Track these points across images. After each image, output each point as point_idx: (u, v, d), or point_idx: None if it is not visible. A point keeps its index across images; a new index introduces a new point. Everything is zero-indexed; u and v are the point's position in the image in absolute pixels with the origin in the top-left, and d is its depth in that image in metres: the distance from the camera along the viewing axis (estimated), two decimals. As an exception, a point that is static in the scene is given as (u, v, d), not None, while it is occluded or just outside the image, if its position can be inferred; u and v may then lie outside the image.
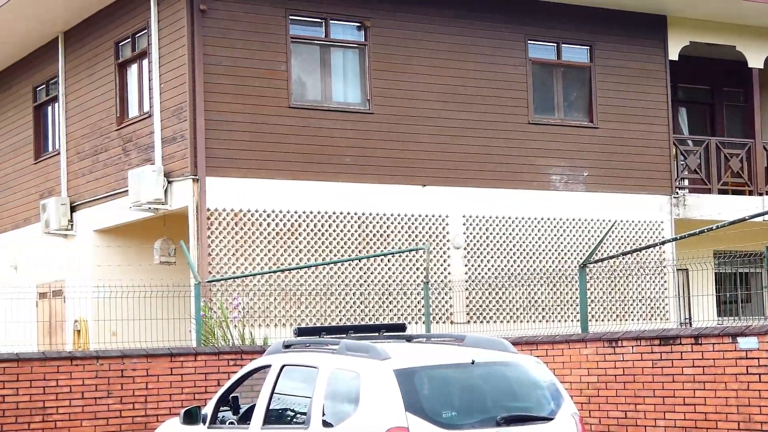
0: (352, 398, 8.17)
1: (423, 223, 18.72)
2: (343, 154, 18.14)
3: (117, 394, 11.91)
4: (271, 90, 17.62)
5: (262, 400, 9.10)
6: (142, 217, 18.24)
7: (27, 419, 11.49)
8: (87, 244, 19.76)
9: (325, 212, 17.95)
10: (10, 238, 22.47)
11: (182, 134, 17.21)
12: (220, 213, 17.19)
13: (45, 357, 11.71)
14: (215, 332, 14.44)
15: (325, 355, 8.72)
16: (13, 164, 22.75)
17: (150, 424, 11.89)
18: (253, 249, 17.38)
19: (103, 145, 19.51)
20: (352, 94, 18.56)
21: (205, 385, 12.31)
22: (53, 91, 21.38)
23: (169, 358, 12.24)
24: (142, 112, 18.55)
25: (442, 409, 8.01)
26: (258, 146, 17.48)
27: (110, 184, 19.20)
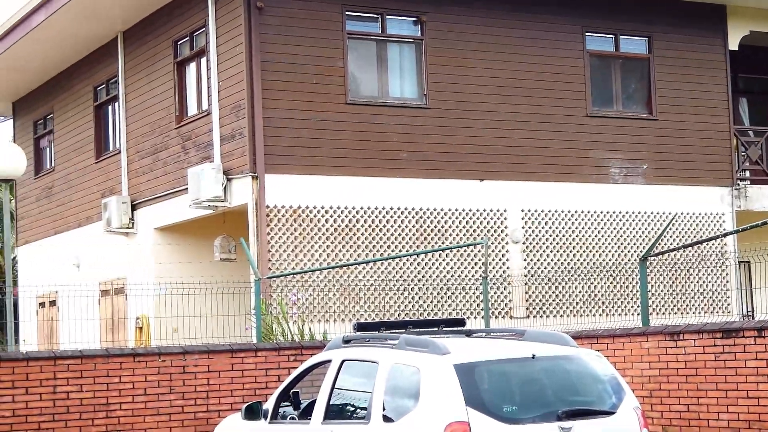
0: (412, 393, 8.18)
1: (481, 217, 18.67)
2: (400, 149, 18.14)
3: (179, 390, 12.00)
4: (328, 86, 17.66)
5: (322, 396, 9.13)
6: (202, 214, 18.37)
7: (91, 415, 11.62)
8: (148, 242, 19.96)
9: (383, 208, 17.97)
10: (72, 237, 22.76)
11: (241, 132, 17.31)
12: (279, 210, 17.27)
13: (108, 354, 11.84)
14: (275, 328, 14.51)
15: (384, 350, 8.73)
16: (75, 164, 23.03)
17: (211, 420, 11.98)
18: (311, 245, 17.44)
19: (163, 143, 19.68)
20: (408, 89, 18.55)
21: (265, 381, 12.37)
22: (113, 90, 21.61)
23: (230, 354, 12.31)
24: (201, 110, 18.68)
25: (503, 403, 7.99)
26: (315, 143, 17.54)
27: (170, 183, 19.37)
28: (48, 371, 11.47)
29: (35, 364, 11.44)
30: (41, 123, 25.07)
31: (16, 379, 11.31)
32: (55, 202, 23.95)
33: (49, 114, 24.48)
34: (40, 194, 24.77)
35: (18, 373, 11.32)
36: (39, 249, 24.36)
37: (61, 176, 23.66)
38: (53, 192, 24.07)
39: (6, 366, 11.28)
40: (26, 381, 11.36)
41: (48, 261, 23.68)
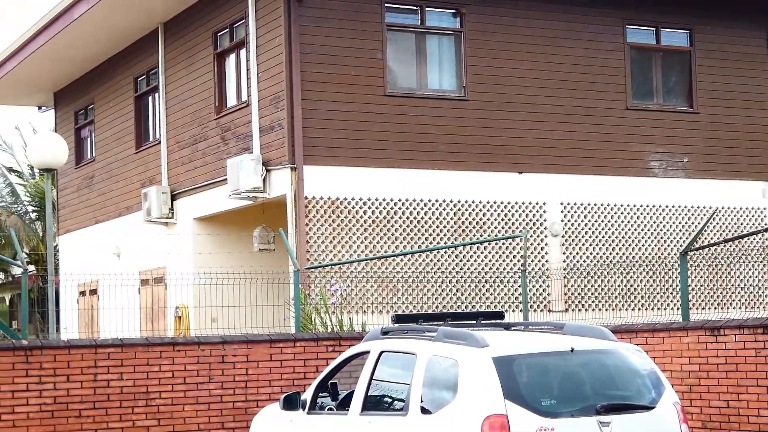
0: (450, 385, 8.18)
1: (519, 210, 18.63)
2: (438, 141, 18.13)
3: (218, 379, 12.07)
4: (367, 78, 17.68)
5: (360, 387, 9.16)
6: (241, 205, 18.46)
7: (131, 403, 11.71)
8: (187, 232, 20.07)
9: (421, 200, 17.97)
10: (113, 226, 22.92)
11: (280, 123, 17.36)
12: (318, 201, 17.32)
13: (148, 343, 11.93)
14: (313, 318, 14.55)
15: (423, 342, 8.74)
16: (116, 153, 23.19)
17: (250, 410, 12.04)
18: (349, 236, 17.48)
19: (203, 134, 19.78)
20: (447, 81, 18.53)
21: (303, 371, 12.41)
22: (153, 81, 21.73)
23: (269, 344, 12.37)
24: (240, 102, 18.76)
25: (542, 396, 7.98)
26: (354, 134, 17.56)
27: (209, 173, 19.46)
28: (89, 359, 11.56)
29: (76, 352, 11.54)
30: (82, 113, 25.26)
31: (57, 367, 11.41)
32: (95, 192, 24.14)
33: (90, 104, 24.66)
34: (80, 184, 24.97)
35: (60, 361, 11.43)
36: (80, 238, 24.56)
37: (102, 166, 23.83)
38: (94, 182, 24.25)
39: (48, 354, 11.39)
40: (67, 369, 11.46)
41: (89, 250, 23.87)
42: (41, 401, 11.33)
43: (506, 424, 7.75)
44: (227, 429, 12.03)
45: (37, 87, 25.73)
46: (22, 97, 26.82)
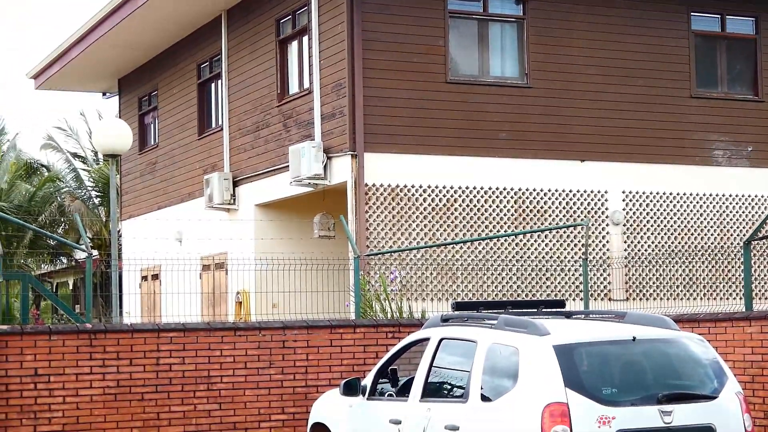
0: (510, 373, 8.18)
1: (581, 198, 18.52)
2: (499, 129, 18.08)
3: (278, 364, 12.15)
4: (428, 65, 17.66)
5: (420, 373, 9.18)
6: (302, 192, 18.54)
7: (192, 387, 11.83)
8: (248, 218, 20.20)
9: (481, 188, 17.93)
10: (175, 212, 23.14)
11: (341, 110, 17.41)
12: (378, 188, 17.35)
13: (210, 327, 12.03)
14: (373, 305, 14.59)
15: (483, 330, 8.74)
16: (179, 140, 23.40)
17: (310, 395, 12.11)
18: (409, 224, 17.50)
19: (264, 121, 19.89)
20: (509, 68, 18.46)
21: (363, 357, 12.46)
22: (216, 68, 21.88)
23: (329, 330, 12.42)
24: (302, 89, 18.83)
25: (603, 385, 7.95)
26: (415, 122, 17.56)
27: (271, 160, 19.58)
28: (151, 343, 11.69)
29: (139, 336, 11.67)
30: (146, 100, 25.51)
31: (120, 351, 11.55)
32: (158, 178, 24.38)
33: (153, 91, 24.89)
34: (144, 170, 25.23)
35: (123, 345, 11.57)
36: (142, 223, 24.83)
37: (165, 152, 24.07)
38: (157, 168, 24.49)
39: (111, 337, 11.53)
40: (130, 352, 11.60)
41: (151, 235, 24.10)
42: (105, 384, 11.48)
43: (567, 412, 7.73)
44: (287, 414, 12.12)
45: (101, 73, 26.02)
46: (87, 83, 27.16)
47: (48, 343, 11.27)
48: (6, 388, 11.09)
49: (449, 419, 8.53)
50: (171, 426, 11.66)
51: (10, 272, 20.08)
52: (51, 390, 11.26)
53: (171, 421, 11.66)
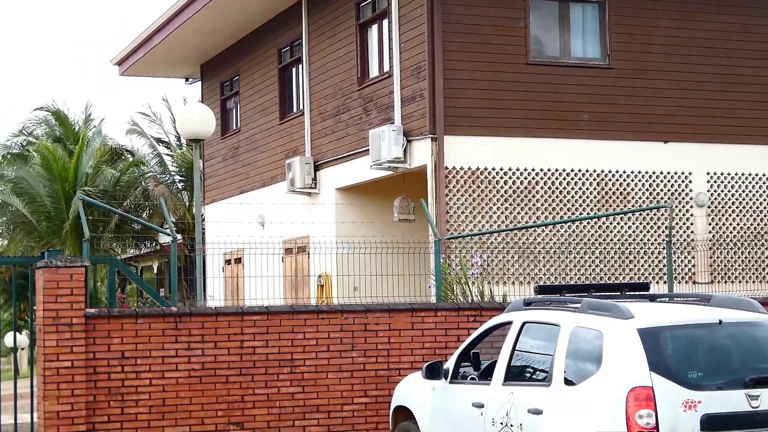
0: (594, 357, 8.13)
1: (664, 180, 18.29)
2: (581, 110, 17.91)
3: (360, 347, 12.21)
4: (509, 47, 17.56)
5: (503, 357, 9.17)
6: (382, 175, 18.58)
7: (276, 370, 11.93)
8: (329, 202, 20.30)
9: (563, 170, 17.80)
10: (257, 196, 23.32)
11: (421, 93, 17.39)
12: (458, 171, 17.31)
13: (293, 310, 12.12)
14: (454, 289, 14.58)
15: (566, 314, 8.70)
16: (260, 125, 23.58)
17: (392, 378, 12.14)
18: (490, 207, 17.44)
19: (345, 105, 19.95)
20: (591, 49, 18.27)
21: (445, 341, 12.46)
22: (297, 52, 21.99)
23: (410, 314, 12.44)
24: (382, 72, 18.84)
25: (688, 369, 7.87)
26: (495, 104, 17.48)
27: (351, 144, 19.63)
28: (235, 326, 11.81)
29: (224, 320, 11.80)
30: (227, 85, 25.73)
31: (205, 334, 11.70)
32: (240, 162, 24.60)
33: (235, 76, 25.10)
34: (226, 154, 25.47)
35: (207, 328, 11.71)
36: (225, 207, 25.08)
37: (247, 137, 24.27)
38: (239, 152, 24.71)
39: (196, 321, 11.68)
40: (215, 335, 11.73)
41: (233, 219, 24.32)
42: (190, 367, 11.63)
43: (652, 396, 7.67)
44: (370, 397, 12.18)
45: (184, 59, 26.30)
46: (169, 69, 27.46)
47: (134, 326, 11.45)
48: (94, 370, 11.29)
49: (532, 403, 8.51)
50: (255, 408, 11.79)
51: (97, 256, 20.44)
52: (138, 372, 11.44)
53: (255, 404, 11.79)
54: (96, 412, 11.28)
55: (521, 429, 8.60)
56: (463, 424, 9.49)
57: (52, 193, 35.50)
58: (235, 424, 11.71)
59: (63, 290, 11.15)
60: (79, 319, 11.20)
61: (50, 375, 11.09)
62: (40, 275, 11.27)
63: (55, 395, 11.07)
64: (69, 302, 11.16)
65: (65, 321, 11.14)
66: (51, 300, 11.14)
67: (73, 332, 11.17)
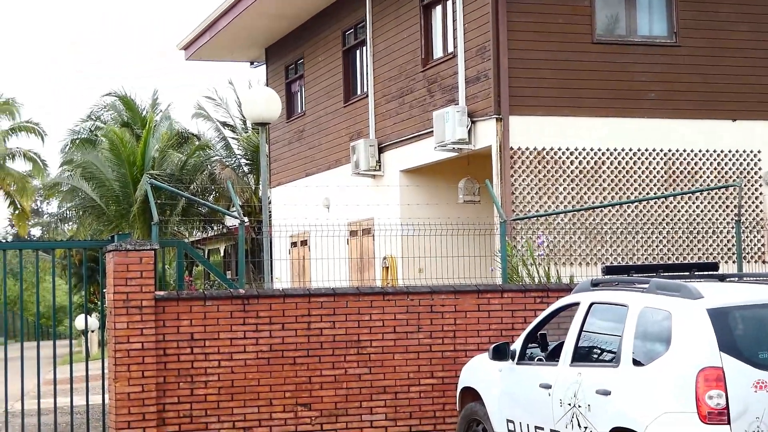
0: (663, 338, 8.07)
1: (733, 159, 18.06)
2: (648, 89, 17.73)
3: (427, 329, 12.23)
4: (574, 26, 17.41)
5: (570, 338, 9.14)
6: (447, 157, 18.55)
7: (343, 351, 12.00)
8: (394, 184, 20.32)
9: (629, 149, 17.64)
10: (322, 179, 23.43)
11: (485, 74, 17.32)
12: (523, 152, 17.23)
13: (359, 292, 12.18)
14: (519, 270, 14.54)
15: (634, 294, 8.64)
16: (325, 107, 23.64)
17: (458, 359, 12.16)
18: (555, 187, 17.35)
19: (409, 86, 19.93)
20: (657, 27, 18.06)
21: (511, 322, 12.44)
22: (361, 35, 22.00)
23: (476, 295, 12.44)
24: (446, 53, 18.79)
25: (759, 349, 7.78)
26: (561, 83, 17.36)
27: (416, 125, 19.62)
28: (303, 308, 11.89)
29: (291, 301, 11.88)
30: (292, 68, 25.82)
31: (273, 316, 11.79)
32: (305, 145, 24.70)
33: (299, 59, 25.18)
34: (291, 137, 25.59)
35: (275, 310, 11.80)
36: (290, 190, 25.20)
37: (312, 120, 24.35)
38: (304, 135, 24.81)
39: (264, 302, 11.77)
40: (282, 317, 11.82)
41: (299, 202, 24.45)
42: (258, 349, 11.73)
43: (722, 377, 7.59)
44: (436, 378, 12.20)
45: (249, 43, 26.43)
46: (235, 53, 27.62)
47: (203, 308, 11.57)
48: (164, 352, 11.44)
49: (600, 384, 8.47)
50: (323, 390, 11.87)
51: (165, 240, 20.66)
52: (206, 354, 11.57)
53: (323, 385, 11.87)
54: (166, 393, 11.43)
55: (589, 410, 8.57)
56: (530, 405, 9.48)
57: (120, 177, 35.97)
58: (302, 405, 11.81)
59: (133, 273, 11.30)
60: (149, 302, 11.35)
61: (121, 357, 11.26)
62: (111, 258, 11.43)
63: (125, 377, 11.24)
64: (139, 285, 11.31)
65: (135, 304, 11.30)
66: (121, 283, 11.29)
67: (143, 315, 11.32)
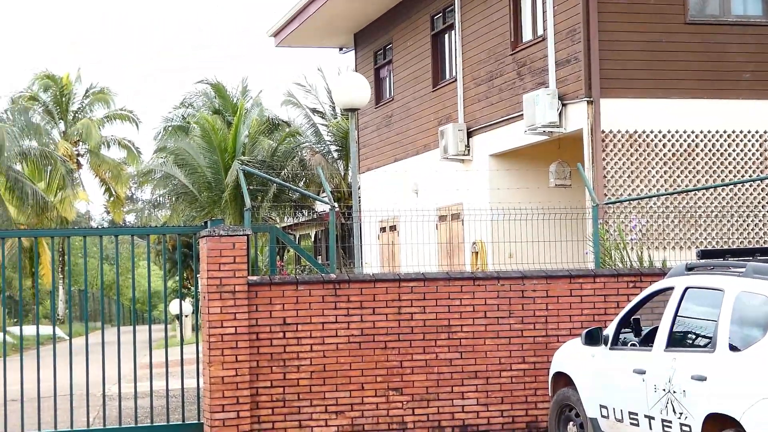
0: (760, 323, 7.94)
1: (832, 140, 17.64)
2: (742, 69, 17.39)
3: (518, 314, 12.17)
4: (666, 6, 17.15)
5: (664, 323, 9.02)
6: (537, 140, 18.42)
7: (433, 336, 12.00)
8: (483, 169, 20.24)
9: (723, 131, 17.33)
10: (411, 164, 23.44)
11: (576, 56, 17.15)
12: (615, 135, 17.04)
13: (449, 277, 12.16)
14: (612, 254, 14.38)
15: (730, 278, 8.49)
16: (413, 92, 23.63)
17: (550, 345, 12.08)
18: (648, 171, 17.12)
19: (498, 70, 19.82)
20: (752, 5, 17.70)
21: (603, 307, 12.32)
22: (449, 19, 21.92)
23: (568, 280, 12.33)
24: (536, 36, 18.64)
25: None
26: (652, 65, 17.11)
27: (505, 109, 19.51)
28: (393, 293, 11.91)
29: (381, 286, 11.91)
30: (381, 53, 25.85)
31: (364, 300, 11.83)
32: (394, 131, 24.72)
33: (388, 44, 25.19)
34: (380, 123, 25.63)
35: (366, 294, 11.84)
36: (379, 176, 25.27)
37: (400, 105, 24.35)
38: (392, 120, 24.83)
39: (355, 287, 11.82)
40: (373, 302, 11.86)
41: (387, 187, 24.53)
42: (349, 333, 11.79)
43: (822, 363, 7.44)
44: (528, 363, 12.14)
45: (338, 29, 26.51)
46: (324, 39, 27.73)
47: (295, 293, 11.66)
48: (257, 336, 11.56)
49: (696, 369, 8.36)
50: (414, 374, 11.89)
51: (257, 225, 20.87)
52: (299, 338, 11.66)
53: (414, 370, 11.89)
54: (259, 377, 11.55)
55: (684, 395, 8.46)
56: (624, 391, 9.40)
57: (212, 163, 36.41)
58: (394, 390, 11.85)
59: (226, 258, 11.42)
60: (242, 287, 11.47)
61: (215, 341, 11.40)
62: (204, 244, 11.57)
63: (219, 361, 11.37)
64: (232, 270, 11.43)
65: (228, 289, 11.42)
66: (215, 268, 11.42)
67: (236, 299, 11.44)
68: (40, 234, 13.67)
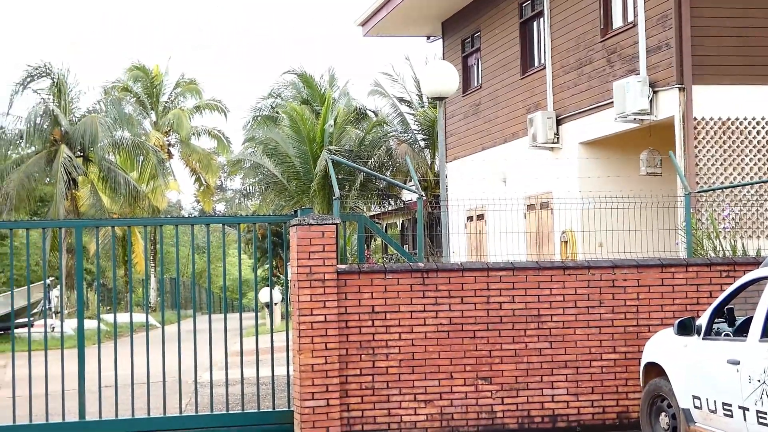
0: None
1: None
2: (840, 54, 16.98)
3: (608, 303, 12.05)
4: (760, -9, 16.82)
5: (759, 312, 8.87)
6: (627, 128, 18.21)
7: (523, 326, 11.93)
8: (572, 157, 20.07)
9: (821, 118, 16.95)
10: (498, 152, 23.33)
11: (667, 43, 16.89)
12: (707, 122, 16.76)
13: (539, 267, 12.07)
14: (704, 243, 14.17)
15: (828, 268, 8.32)
16: (501, 80, 23.51)
17: (641, 334, 11.94)
18: (741, 158, 16.82)
19: (587, 57, 19.62)
20: None
21: (696, 297, 12.14)
22: (538, 6, 21.76)
23: (660, 269, 12.17)
24: (626, 23, 18.41)
25: None
26: (746, 51, 16.81)
27: (594, 97, 19.31)
28: (481, 282, 11.87)
29: (469, 275, 11.87)
30: (468, 41, 25.75)
31: (452, 289, 11.81)
32: (481, 119, 24.62)
33: (476, 32, 25.08)
34: (467, 111, 25.54)
35: (454, 283, 11.81)
36: (467, 164, 25.19)
37: (488, 93, 24.24)
38: (480, 109, 24.73)
39: (443, 276, 11.80)
40: (461, 291, 11.83)
41: (475, 176, 24.43)
42: (437, 322, 11.78)
43: None
44: (619, 353, 12.02)
45: (425, 17, 26.47)
46: (411, 28, 27.71)
47: (383, 281, 11.68)
48: (346, 324, 11.61)
49: (792, 360, 8.20)
50: (503, 363, 11.84)
51: (346, 214, 20.96)
52: (387, 327, 11.68)
53: (503, 359, 11.83)
54: (348, 365, 11.60)
55: (780, 387, 8.31)
56: (717, 381, 9.25)
57: (300, 153, 36.63)
58: (483, 379, 11.81)
59: (315, 247, 11.48)
60: (331, 275, 11.52)
61: (305, 329, 11.47)
62: (294, 233, 11.64)
63: (309, 348, 11.45)
64: (321, 258, 11.49)
65: (318, 277, 11.48)
66: (304, 257, 11.49)
67: (326, 288, 11.50)
68: (133, 223, 13.88)
